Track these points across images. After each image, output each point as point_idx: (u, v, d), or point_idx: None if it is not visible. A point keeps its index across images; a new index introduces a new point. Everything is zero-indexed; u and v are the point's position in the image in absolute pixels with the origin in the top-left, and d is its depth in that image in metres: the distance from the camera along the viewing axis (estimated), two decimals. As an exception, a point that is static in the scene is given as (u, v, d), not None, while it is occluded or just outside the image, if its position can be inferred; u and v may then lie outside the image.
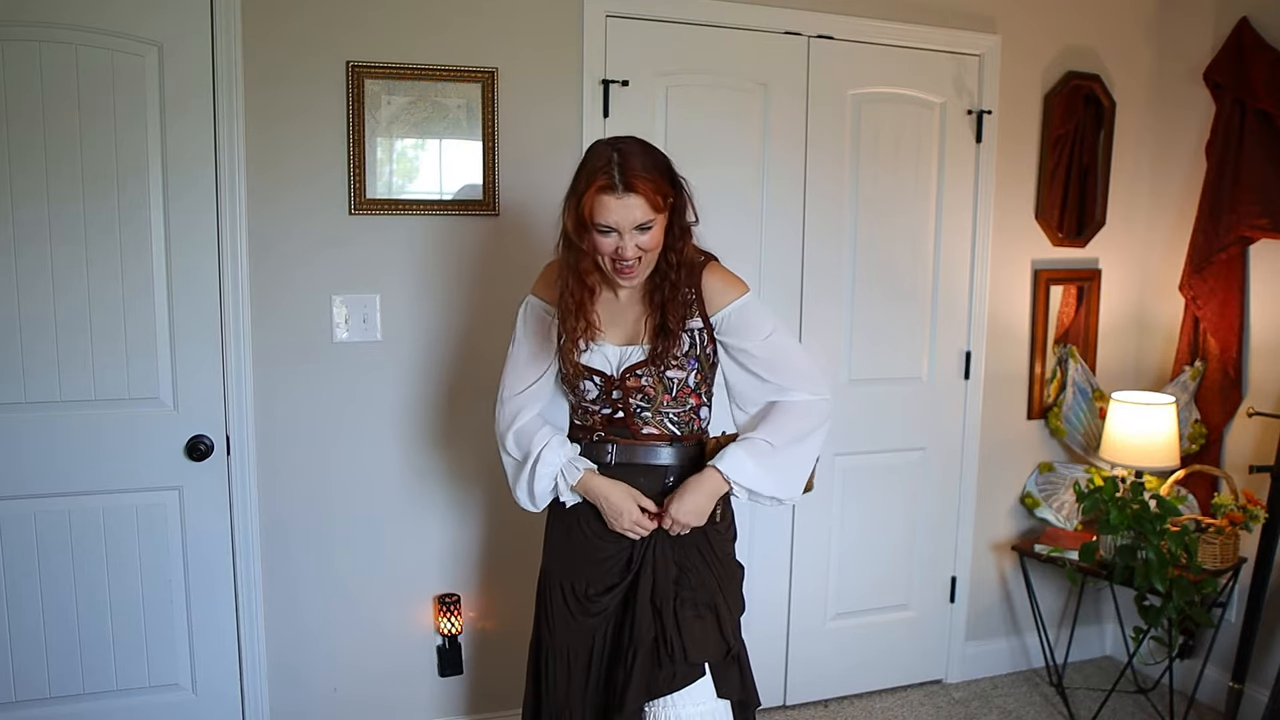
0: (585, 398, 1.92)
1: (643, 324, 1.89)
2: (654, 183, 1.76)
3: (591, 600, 1.92)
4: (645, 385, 1.88)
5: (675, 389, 1.89)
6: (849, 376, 3.02)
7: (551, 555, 2.01)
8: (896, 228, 3.01)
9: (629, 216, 1.75)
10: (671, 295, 1.85)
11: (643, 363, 1.87)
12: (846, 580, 3.09)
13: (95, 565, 2.38)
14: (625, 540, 1.90)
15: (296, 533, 2.55)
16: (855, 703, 3.15)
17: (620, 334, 1.91)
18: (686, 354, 1.88)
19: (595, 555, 1.92)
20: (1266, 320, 2.98)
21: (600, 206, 1.74)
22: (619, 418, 1.91)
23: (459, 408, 2.64)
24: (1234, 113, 2.95)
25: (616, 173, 1.73)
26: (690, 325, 1.88)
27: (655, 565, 1.88)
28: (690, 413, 1.93)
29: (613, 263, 1.80)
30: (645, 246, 1.79)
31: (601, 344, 1.89)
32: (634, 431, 1.91)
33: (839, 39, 2.86)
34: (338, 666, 2.62)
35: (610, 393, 1.90)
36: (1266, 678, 2.83)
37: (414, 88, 2.49)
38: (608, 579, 1.92)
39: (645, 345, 1.88)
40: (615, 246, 1.78)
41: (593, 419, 1.93)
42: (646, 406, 1.90)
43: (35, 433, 2.30)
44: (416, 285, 2.57)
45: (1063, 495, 3.23)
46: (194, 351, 2.40)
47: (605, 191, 1.73)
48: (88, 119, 2.26)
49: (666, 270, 1.85)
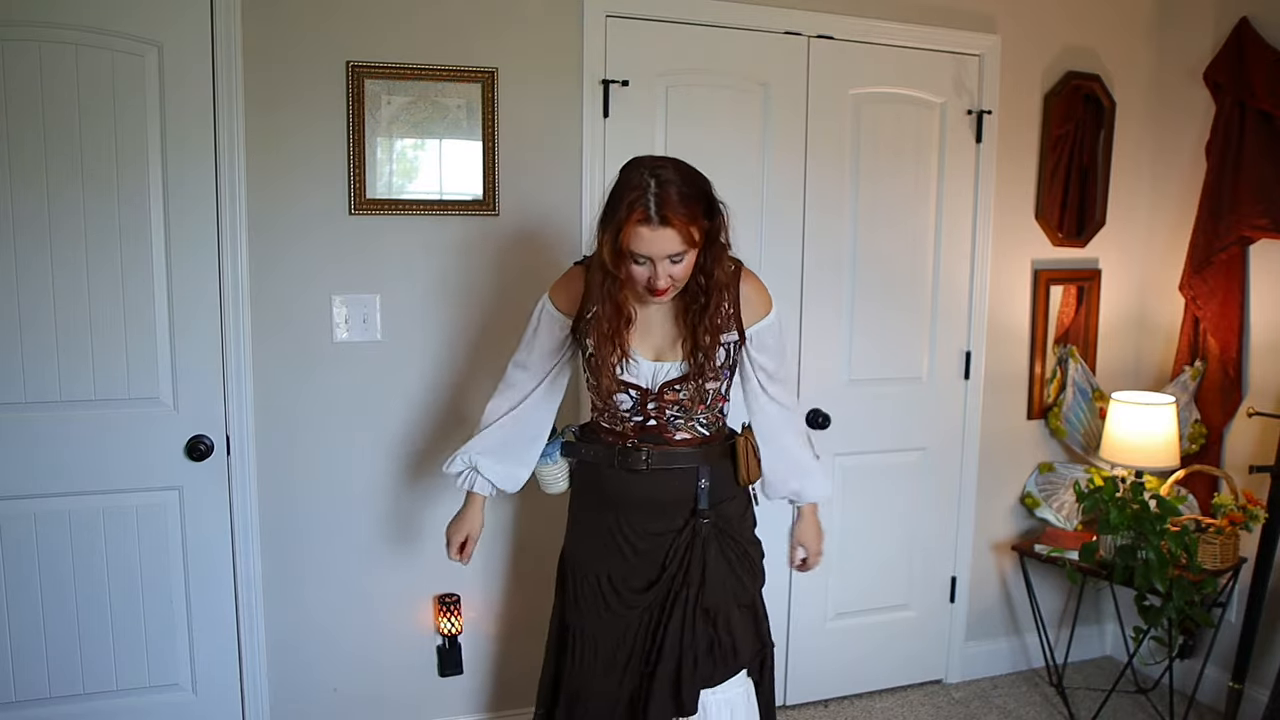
0: (619, 408, 1.97)
1: (676, 340, 1.94)
2: (690, 216, 1.78)
3: (630, 594, 1.99)
4: (683, 398, 1.94)
5: (710, 398, 1.97)
6: (849, 376, 3.01)
7: (580, 544, 2.07)
8: (896, 228, 3.01)
9: (662, 248, 1.78)
10: (701, 317, 1.90)
11: (681, 379, 1.93)
12: (846, 580, 3.09)
13: (95, 565, 2.39)
14: (664, 538, 1.98)
15: (296, 532, 2.55)
16: (855, 703, 3.15)
17: (651, 348, 1.95)
18: (722, 365, 1.95)
19: (635, 549, 1.99)
20: (1266, 320, 2.98)
21: (635, 238, 1.77)
22: (651, 425, 1.97)
23: (459, 407, 2.64)
24: (1234, 113, 2.95)
25: (653, 205, 1.75)
26: (726, 339, 1.94)
27: (706, 568, 1.96)
28: (718, 414, 2.02)
29: (648, 291, 1.84)
30: (676, 276, 1.83)
31: (636, 358, 1.93)
32: (667, 438, 1.97)
33: (839, 39, 2.86)
34: (338, 666, 2.62)
35: (646, 404, 1.95)
36: (1266, 678, 2.83)
37: (414, 88, 2.49)
38: (647, 575, 1.99)
39: (682, 362, 1.93)
40: (648, 276, 1.82)
41: (624, 426, 1.98)
42: (680, 415, 1.96)
43: (35, 433, 2.31)
44: (416, 285, 2.58)
45: (1063, 495, 3.23)
46: (194, 351, 2.40)
47: (641, 224, 1.76)
48: (87, 119, 2.26)
49: (697, 292, 1.89)
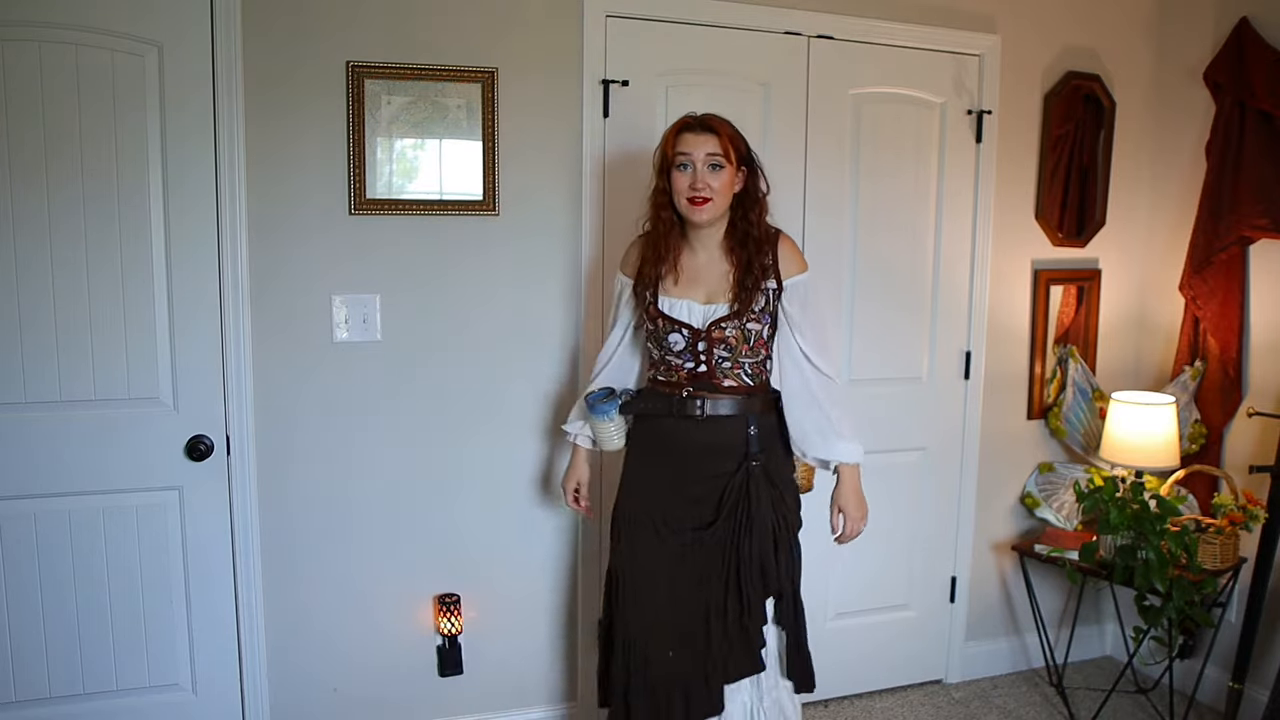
0: (672, 349, 2.18)
1: (726, 281, 2.17)
2: (731, 131, 2.13)
3: (688, 533, 2.19)
4: (729, 336, 2.15)
5: (753, 339, 2.18)
6: (849, 376, 3.01)
7: (636, 494, 2.26)
8: (896, 228, 3.01)
9: (703, 147, 2.09)
10: (756, 251, 2.16)
11: (727, 316, 2.15)
12: (847, 580, 3.09)
13: (95, 565, 2.38)
14: (717, 482, 2.17)
15: (297, 532, 2.55)
16: (855, 703, 3.15)
17: (703, 292, 2.19)
18: (762, 310, 2.17)
19: (692, 494, 2.19)
20: (1266, 320, 2.98)
21: (680, 141, 2.11)
22: (701, 372, 2.18)
23: (459, 408, 2.64)
24: (1234, 113, 2.95)
25: (698, 114, 2.15)
26: (766, 285, 2.17)
27: (758, 508, 2.15)
28: (760, 364, 2.22)
29: (689, 201, 2.11)
30: (715, 188, 2.10)
31: (688, 300, 2.18)
32: (716, 384, 2.18)
33: (839, 39, 2.86)
34: (338, 666, 2.62)
35: (696, 344, 2.17)
36: (1266, 678, 2.83)
37: (414, 88, 2.49)
38: (704, 515, 2.18)
39: (729, 304, 2.15)
40: (690, 182, 2.10)
41: (677, 374, 2.20)
42: (728, 357, 2.17)
43: (35, 433, 2.30)
44: (416, 285, 2.57)
45: (1063, 495, 3.23)
46: (194, 351, 2.40)
47: (686, 130, 2.12)
48: (87, 119, 2.26)
49: (747, 229, 2.17)
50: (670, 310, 2.18)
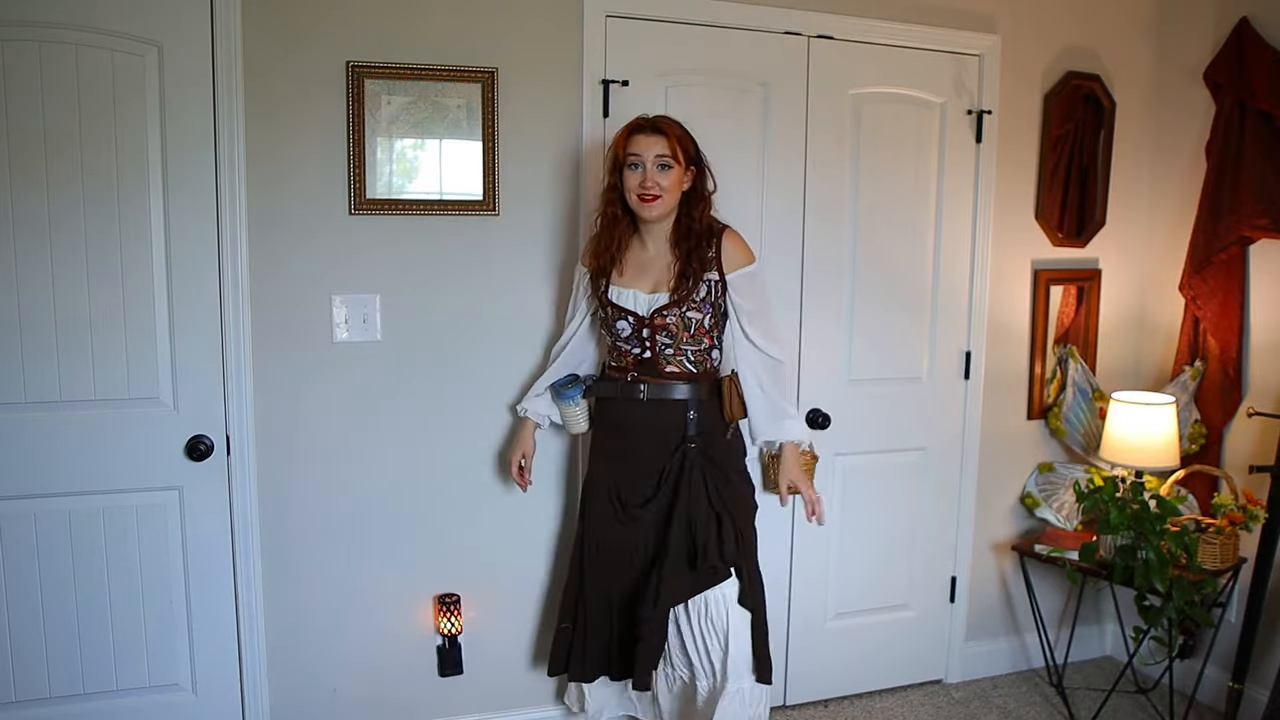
0: (620, 336, 2.36)
1: (669, 273, 2.32)
2: (680, 135, 2.27)
3: (634, 509, 2.38)
4: (670, 324, 2.31)
5: (694, 328, 2.32)
6: (849, 376, 3.01)
7: (596, 468, 2.47)
8: (896, 228, 3.01)
9: (653, 148, 2.23)
10: (696, 245, 2.30)
11: (668, 305, 2.30)
12: (846, 580, 3.09)
13: (95, 565, 2.39)
14: (660, 460, 2.36)
15: (296, 532, 2.55)
16: (855, 703, 3.15)
17: (650, 282, 2.35)
18: (703, 299, 2.31)
19: (638, 472, 2.38)
20: (1266, 320, 2.98)
21: (631, 142, 2.25)
22: (647, 357, 2.35)
23: (459, 408, 2.64)
24: (1234, 113, 2.95)
25: (649, 118, 2.29)
26: (708, 277, 2.31)
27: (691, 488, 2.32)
28: (704, 353, 2.36)
29: (639, 198, 2.25)
30: (664, 184, 2.24)
31: (634, 289, 2.33)
32: (659, 369, 2.35)
33: (839, 39, 2.86)
34: (338, 666, 2.62)
35: (641, 331, 2.33)
36: (1266, 678, 2.83)
37: (414, 88, 2.49)
38: (644, 492, 2.37)
39: (671, 293, 2.30)
40: (640, 180, 2.24)
41: (625, 359, 2.38)
42: (670, 344, 2.33)
43: (35, 433, 2.31)
44: (416, 285, 2.57)
45: (1063, 495, 3.23)
46: (194, 351, 2.40)
47: (638, 131, 2.26)
48: (87, 119, 2.26)
49: (690, 224, 2.31)
50: (618, 299, 2.35)
